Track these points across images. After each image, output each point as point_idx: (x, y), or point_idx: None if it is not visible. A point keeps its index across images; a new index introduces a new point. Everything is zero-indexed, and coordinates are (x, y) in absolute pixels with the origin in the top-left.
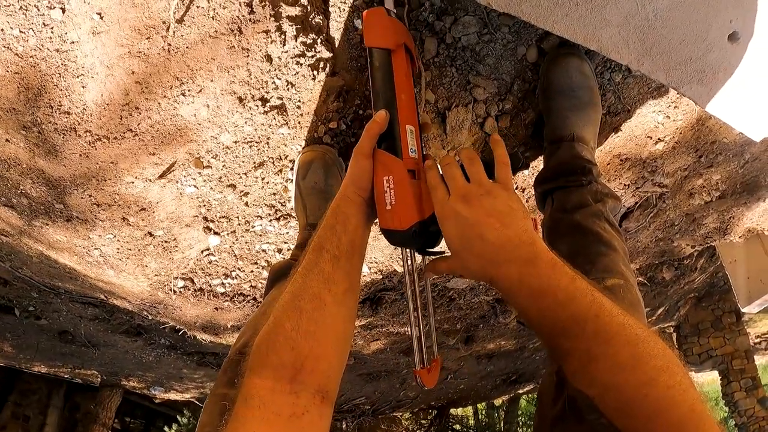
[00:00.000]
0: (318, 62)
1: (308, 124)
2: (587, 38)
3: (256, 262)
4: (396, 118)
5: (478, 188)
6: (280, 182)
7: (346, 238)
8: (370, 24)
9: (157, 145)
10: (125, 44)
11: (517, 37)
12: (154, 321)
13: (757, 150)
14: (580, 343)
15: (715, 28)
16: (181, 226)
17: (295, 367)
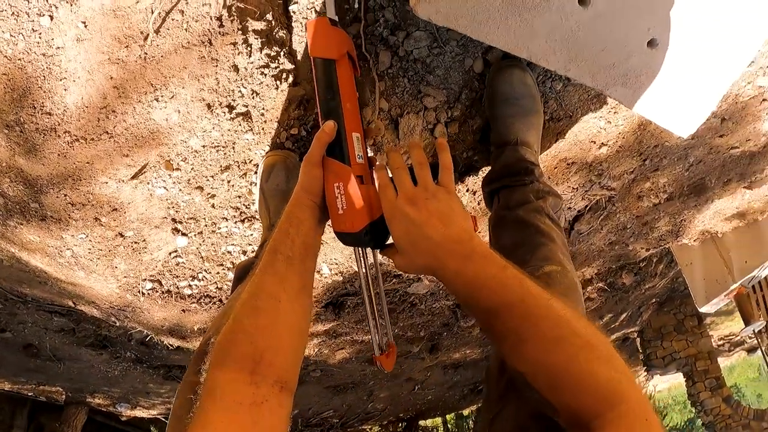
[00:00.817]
0: (281, 73)
1: (271, 130)
2: (518, 48)
3: (222, 263)
4: (343, 127)
5: (424, 192)
6: (245, 185)
7: (299, 240)
8: (314, 34)
9: (131, 147)
10: (106, 51)
11: (464, 50)
12: (122, 328)
13: (701, 153)
14: (510, 326)
15: (634, 36)
16: (151, 227)
17: (254, 359)
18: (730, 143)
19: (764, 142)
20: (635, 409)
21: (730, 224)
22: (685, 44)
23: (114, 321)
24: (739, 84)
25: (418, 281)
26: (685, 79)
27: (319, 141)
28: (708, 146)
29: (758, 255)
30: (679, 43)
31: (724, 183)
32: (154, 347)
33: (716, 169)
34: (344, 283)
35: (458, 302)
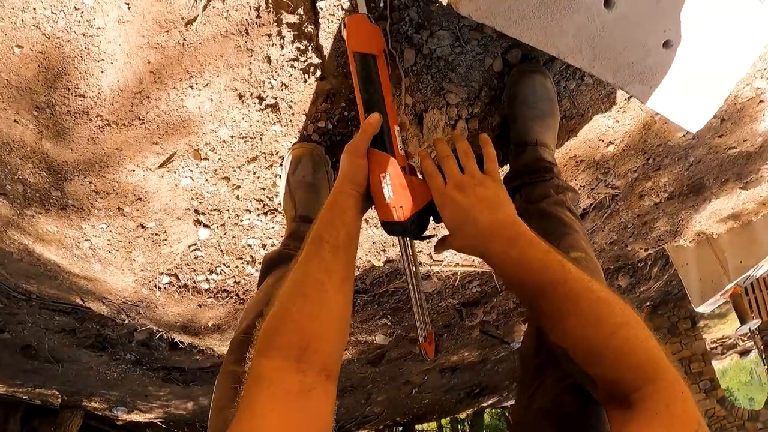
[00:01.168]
0: (309, 67)
1: (299, 122)
2: (547, 45)
3: (241, 257)
4: (386, 120)
5: (471, 179)
6: (270, 177)
7: (343, 230)
8: (354, 30)
9: (161, 134)
10: (146, 35)
11: (485, 50)
12: (125, 327)
13: (700, 153)
14: (554, 304)
15: (652, 37)
16: (173, 218)
17: (301, 347)
18: (728, 143)
19: (760, 142)
20: (672, 384)
21: (725, 225)
22: (696, 45)
23: (123, 318)
24: (738, 86)
25: (426, 279)
26: (695, 78)
27: (365, 133)
28: (707, 146)
29: (753, 255)
30: (691, 45)
31: (722, 183)
32: (155, 348)
33: (714, 169)
34: (357, 280)
35: (503, 282)
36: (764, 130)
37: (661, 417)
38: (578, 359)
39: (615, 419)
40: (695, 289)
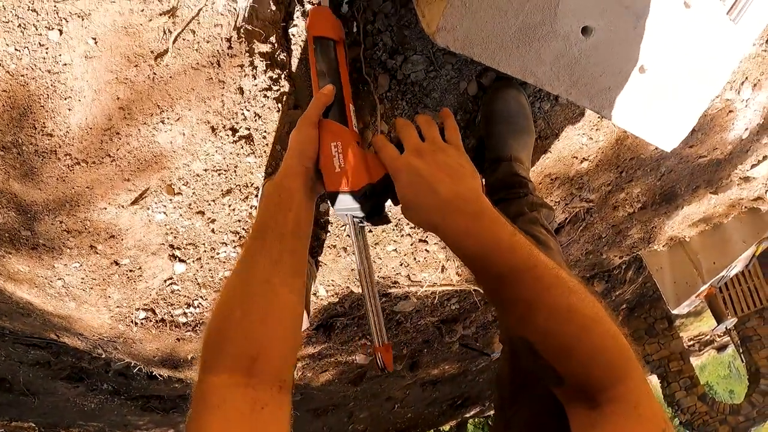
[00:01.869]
0: (281, 96)
1: (273, 152)
2: (525, 74)
3: (218, 290)
4: (342, 94)
5: (432, 145)
6: (245, 209)
7: (291, 215)
8: (317, 18)
9: (133, 171)
10: (114, 70)
11: (459, 74)
12: (103, 360)
13: (671, 163)
14: (521, 293)
15: (628, 63)
16: (147, 254)
17: (250, 357)
18: (699, 153)
19: (729, 150)
20: (640, 383)
21: (696, 229)
22: (670, 68)
23: (99, 353)
24: None
25: (405, 299)
26: (670, 100)
27: (317, 101)
28: (679, 156)
29: (726, 255)
30: (666, 68)
31: (693, 190)
32: (132, 378)
33: (685, 177)
34: (336, 305)
35: (465, 264)
36: (734, 138)
37: (630, 419)
38: (547, 354)
39: (579, 419)
40: (670, 292)
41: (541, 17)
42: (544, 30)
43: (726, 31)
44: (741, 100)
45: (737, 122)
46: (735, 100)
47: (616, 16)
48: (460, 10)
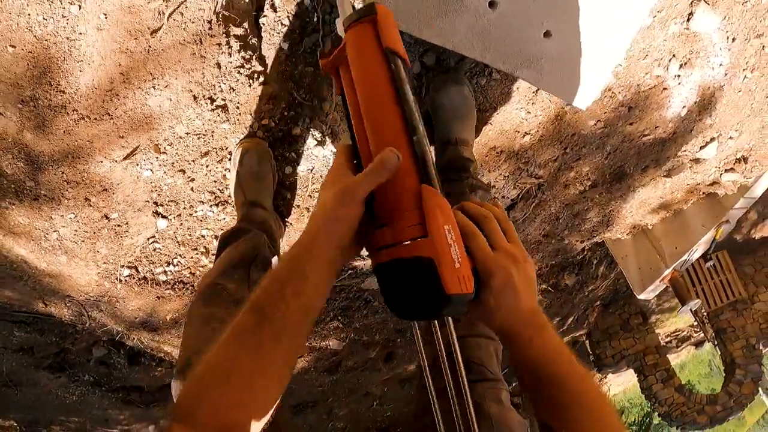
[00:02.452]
0: (253, 73)
1: (245, 121)
2: (444, 41)
3: (196, 248)
4: (424, 146)
5: (522, 252)
6: (220, 170)
7: (295, 304)
8: (387, 23)
9: (127, 129)
10: (118, 41)
11: None
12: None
13: (616, 141)
14: (562, 397)
15: (533, 29)
16: (135, 209)
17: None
18: (641, 130)
19: (672, 128)
20: None
21: (657, 216)
22: (574, 32)
23: (84, 321)
24: (638, 75)
25: (372, 276)
26: (578, 61)
27: (375, 174)
28: (621, 134)
29: (687, 240)
30: (570, 32)
31: (642, 170)
32: (113, 367)
33: (633, 157)
34: None
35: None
36: (673, 116)
37: None
38: None
39: None
40: (635, 278)
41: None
42: (456, 4)
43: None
44: (672, 77)
45: (673, 99)
46: (665, 77)
47: None
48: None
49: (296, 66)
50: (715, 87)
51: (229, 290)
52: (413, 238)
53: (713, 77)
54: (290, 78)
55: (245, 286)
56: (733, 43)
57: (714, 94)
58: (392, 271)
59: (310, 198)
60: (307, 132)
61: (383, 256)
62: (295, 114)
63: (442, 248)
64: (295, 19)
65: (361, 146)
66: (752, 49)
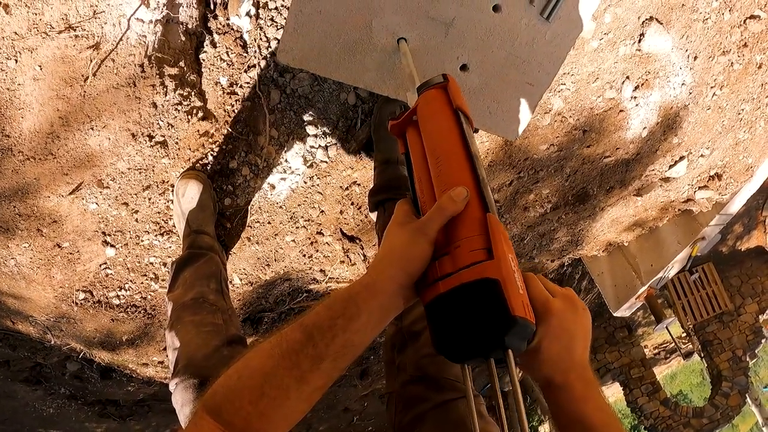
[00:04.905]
0: (192, 109)
1: (185, 155)
2: (356, 81)
3: (145, 274)
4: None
5: (580, 301)
6: (163, 202)
7: (342, 338)
8: (456, 88)
9: (70, 167)
10: (54, 89)
11: (339, 86)
12: (56, 354)
13: (575, 164)
14: None
15: (447, 63)
16: (84, 239)
17: None
18: (600, 152)
19: (634, 149)
20: None
21: (632, 233)
22: (494, 68)
23: (50, 339)
24: (590, 98)
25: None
26: (502, 94)
27: (443, 211)
28: (580, 157)
29: (662, 257)
30: (489, 67)
31: (607, 190)
32: (87, 381)
33: (596, 178)
34: (260, 299)
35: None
36: (634, 137)
37: None
38: None
39: None
40: (611, 295)
41: (359, 35)
42: (363, 45)
43: (542, 29)
44: (628, 98)
45: (632, 121)
46: (620, 99)
47: (425, 27)
48: (293, 36)
49: (234, 101)
50: (679, 106)
51: (210, 300)
52: (478, 261)
53: (675, 97)
54: (228, 113)
55: (221, 296)
56: (695, 62)
57: (678, 113)
58: (452, 300)
59: (250, 228)
60: (244, 165)
61: (440, 287)
62: (232, 148)
63: (508, 271)
64: (234, 54)
65: (423, 195)
66: (719, 66)
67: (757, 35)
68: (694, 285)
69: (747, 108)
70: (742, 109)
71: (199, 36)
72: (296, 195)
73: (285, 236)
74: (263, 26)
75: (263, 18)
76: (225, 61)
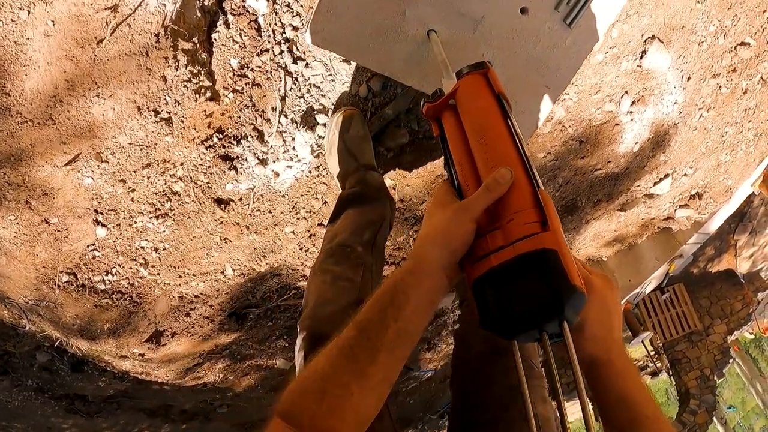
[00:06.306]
0: (200, 88)
1: (189, 135)
2: (382, 68)
3: (135, 258)
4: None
5: (613, 280)
6: (162, 182)
7: (394, 327)
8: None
9: (69, 135)
10: (65, 48)
11: (352, 78)
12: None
13: (567, 174)
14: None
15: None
16: (75, 216)
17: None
18: (592, 164)
19: (624, 163)
20: None
21: (612, 248)
22: (516, 67)
23: (24, 325)
24: (589, 109)
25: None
26: (520, 93)
27: (490, 192)
28: (573, 168)
29: (640, 273)
30: (511, 66)
31: (595, 203)
32: (56, 373)
33: (585, 190)
34: (247, 293)
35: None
36: (626, 151)
37: None
38: None
39: None
40: None
41: (391, 22)
42: (394, 33)
43: (564, 34)
44: (624, 113)
45: (625, 135)
46: (617, 112)
47: (455, 21)
48: (325, 16)
49: (244, 84)
50: (669, 125)
51: (358, 253)
52: (534, 233)
53: (667, 115)
54: (236, 96)
55: (370, 250)
56: (688, 82)
57: (668, 131)
58: (507, 272)
59: (250, 216)
60: (249, 150)
61: (492, 261)
62: (238, 132)
63: (564, 242)
64: (247, 37)
65: (464, 177)
66: (708, 89)
67: (746, 61)
68: (665, 304)
69: (730, 131)
70: (726, 132)
71: (213, 15)
72: (300, 185)
73: (285, 227)
74: (279, 11)
75: (280, 3)
76: (237, 43)
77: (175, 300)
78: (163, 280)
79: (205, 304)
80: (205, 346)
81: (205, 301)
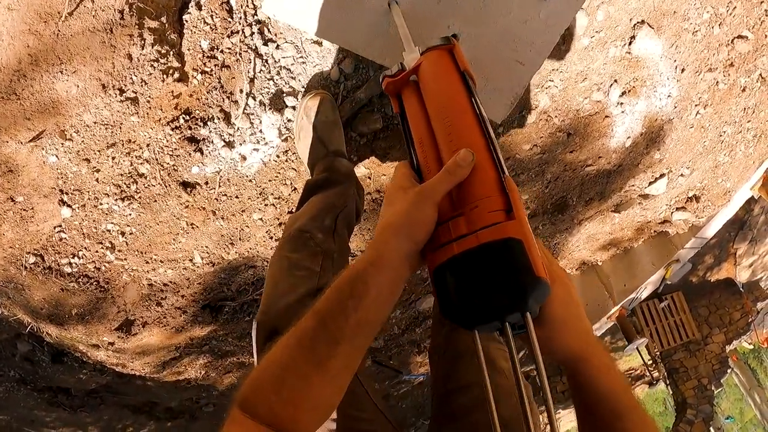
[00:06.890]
0: (168, 69)
1: (155, 115)
2: (343, 42)
3: (101, 242)
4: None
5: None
6: (127, 164)
7: (354, 318)
8: (461, 51)
9: (33, 111)
10: (28, 22)
11: (323, 60)
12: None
13: (556, 170)
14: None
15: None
16: (40, 195)
17: (273, 425)
18: (582, 159)
19: (616, 160)
20: None
21: (607, 252)
22: (485, 35)
23: None
24: (576, 99)
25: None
26: (491, 71)
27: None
28: (562, 163)
29: (635, 278)
30: (481, 35)
31: (586, 202)
32: (38, 365)
33: (576, 188)
34: (221, 285)
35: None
36: (617, 146)
37: None
38: None
39: None
40: None
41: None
42: (355, 3)
43: (538, 7)
44: (614, 104)
45: (616, 129)
46: (607, 103)
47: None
48: None
49: (213, 66)
50: (664, 120)
51: (317, 240)
52: (498, 222)
53: (661, 108)
54: (205, 77)
55: (331, 236)
56: (682, 74)
57: (662, 127)
58: (469, 261)
59: (217, 201)
60: (216, 132)
61: (455, 248)
62: (205, 113)
63: (529, 231)
64: (219, 18)
65: (425, 158)
66: (705, 84)
67: (744, 56)
68: (663, 312)
69: (729, 131)
70: (724, 131)
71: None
72: (268, 169)
73: (252, 213)
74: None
75: None
76: (208, 25)
77: (144, 288)
78: (131, 266)
79: (177, 294)
80: (179, 339)
81: (176, 291)
